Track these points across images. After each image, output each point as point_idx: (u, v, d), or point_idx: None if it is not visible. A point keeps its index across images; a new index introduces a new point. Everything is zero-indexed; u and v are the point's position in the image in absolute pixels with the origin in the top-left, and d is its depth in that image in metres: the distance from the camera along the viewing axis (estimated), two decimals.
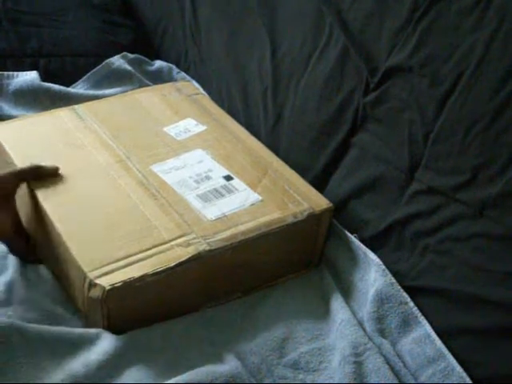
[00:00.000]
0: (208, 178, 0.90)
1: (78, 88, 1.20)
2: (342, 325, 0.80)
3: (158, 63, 1.32)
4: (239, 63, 1.15)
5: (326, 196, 0.90)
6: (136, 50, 1.32)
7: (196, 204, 0.85)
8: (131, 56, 1.28)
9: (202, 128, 1.00)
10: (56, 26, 1.33)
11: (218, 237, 0.81)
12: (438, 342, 0.78)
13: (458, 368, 0.75)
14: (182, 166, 0.91)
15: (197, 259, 0.78)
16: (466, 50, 0.82)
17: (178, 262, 0.77)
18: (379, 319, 0.82)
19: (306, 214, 0.86)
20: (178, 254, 0.78)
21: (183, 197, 0.86)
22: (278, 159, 0.96)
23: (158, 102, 1.06)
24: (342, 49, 0.96)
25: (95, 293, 0.74)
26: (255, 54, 1.11)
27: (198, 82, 1.27)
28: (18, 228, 0.85)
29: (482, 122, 0.79)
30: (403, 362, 0.78)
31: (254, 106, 1.11)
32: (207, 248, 0.79)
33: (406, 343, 0.80)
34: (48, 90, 1.14)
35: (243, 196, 0.87)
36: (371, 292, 0.84)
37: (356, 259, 0.89)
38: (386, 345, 0.79)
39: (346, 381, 0.74)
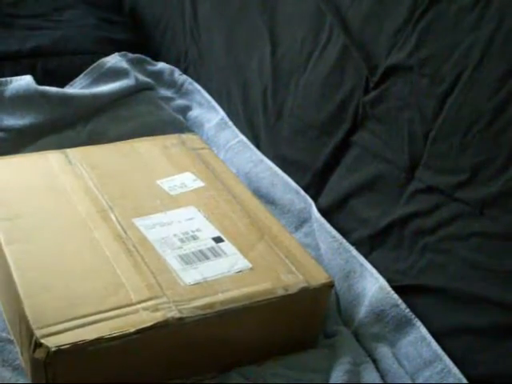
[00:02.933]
0: (195, 237, 0.81)
1: (75, 86, 1.20)
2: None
3: (161, 64, 1.32)
4: (239, 62, 1.15)
5: (325, 194, 0.89)
6: (135, 48, 1.32)
7: (175, 265, 0.76)
8: (131, 55, 1.28)
9: (200, 184, 0.92)
10: (52, 26, 1.33)
11: (193, 304, 0.71)
12: (434, 344, 0.77)
13: (455, 369, 0.75)
14: (169, 223, 0.83)
15: (163, 327, 0.69)
16: (466, 50, 0.81)
17: (139, 327, 0.68)
18: (372, 324, 0.82)
19: (298, 287, 0.76)
20: (143, 318, 0.69)
21: (162, 256, 0.77)
22: (278, 224, 0.87)
23: (157, 152, 0.99)
24: (341, 48, 0.96)
25: (39, 354, 0.65)
26: (255, 53, 1.12)
27: (197, 81, 1.27)
28: None
29: (481, 121, 0.79)
30: (401, 365, 0.78)
31: (254, 105, 1.11)
32: (177, 315, 0.69)
33: (402, 346, 0.80)
34: (45, 93, 1.12)
35: (231, 261, 0.78)
36: (364, 299, 0.84)
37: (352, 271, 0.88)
38: (382, 348, 0.80)
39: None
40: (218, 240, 0.82)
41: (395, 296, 0.82)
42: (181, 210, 0.87)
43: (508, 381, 0.73)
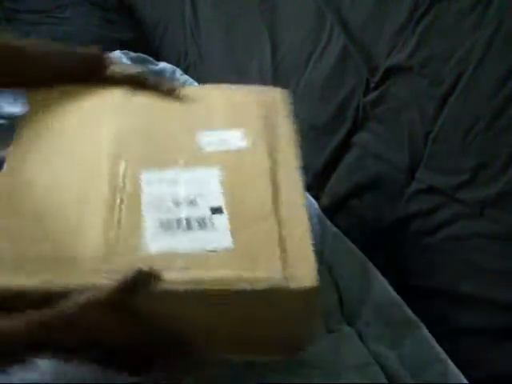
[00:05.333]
0: (193, 203, 0.71)
1: None
2: None
3: (163, 64, 1.32)
4: (239, 63, 1.16)
5: (326, 195, 0.89)
6: (135, 48, 1.32)
7: (149, 229, 0.68)
8: (133, 54, 1.28)
9: (243, 145, 0.78)
10: (54, 22, 1.34)
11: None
12: (436, 345, 0.78)
13: (456, 370, 0.75)
14: (176, 181, 0.74)
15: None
16: (466, 50, 0.82)
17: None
18: (374, 324, 0.82)
19: (263, 285, 0.63)
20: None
21: (143, 217, 0.69)
22: (304, 217, 0.71)
23: (223, 102, 0.85)
24: (342, 48, 0.96)
25: None
26: (255, 53, 1.12)
27: (197, 81, 1.27)
28: None
29: (481, 122, 0.79)
30: (403, 365, 0.79)
31: None
32: (98, 281, 0.62)
33: (405, 347, 0.80)
34: None
35: (213, 237, 0.67)
36: (366, 300, 0.84)
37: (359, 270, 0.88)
38: (384, 349, 0.80)
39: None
40: (215, 211, 0.70)
41: (396, 297, 0.82)
42: (200, 170, 0.76)
43: (508, 381, 0.74)
